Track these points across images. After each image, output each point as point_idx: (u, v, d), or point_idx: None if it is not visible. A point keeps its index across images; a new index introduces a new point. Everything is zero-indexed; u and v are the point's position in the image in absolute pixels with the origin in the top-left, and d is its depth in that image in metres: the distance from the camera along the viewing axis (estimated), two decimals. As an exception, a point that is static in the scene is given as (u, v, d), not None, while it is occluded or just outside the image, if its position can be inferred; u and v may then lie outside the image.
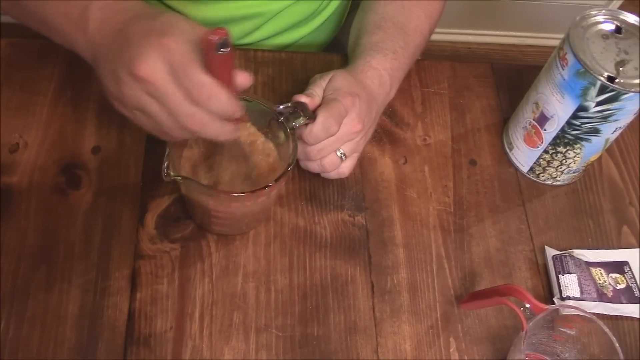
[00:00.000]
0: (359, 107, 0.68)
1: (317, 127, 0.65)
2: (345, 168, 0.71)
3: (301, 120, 0.66)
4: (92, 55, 0.59)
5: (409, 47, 0.77)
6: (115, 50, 0.55)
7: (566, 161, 0.76)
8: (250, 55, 0.84)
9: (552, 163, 0.77)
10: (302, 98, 0.67)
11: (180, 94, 0.53)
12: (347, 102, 0.67)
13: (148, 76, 0.52)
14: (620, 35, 0.70)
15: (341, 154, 0.70)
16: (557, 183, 0.80)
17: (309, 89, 0.69)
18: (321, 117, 0.65)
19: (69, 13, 0.60)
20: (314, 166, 0.70)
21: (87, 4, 0.59)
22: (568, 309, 0.62)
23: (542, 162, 0.78)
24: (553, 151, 0.76)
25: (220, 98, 0.53)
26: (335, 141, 0.68)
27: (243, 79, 0.56)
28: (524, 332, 0.59)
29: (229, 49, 0.52)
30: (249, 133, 0.70)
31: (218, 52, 0.51)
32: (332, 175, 0.72)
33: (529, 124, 0.76)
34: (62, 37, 0.62)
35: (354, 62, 0.74)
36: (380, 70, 0.73)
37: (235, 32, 0.87)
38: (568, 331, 0.63)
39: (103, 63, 0.57)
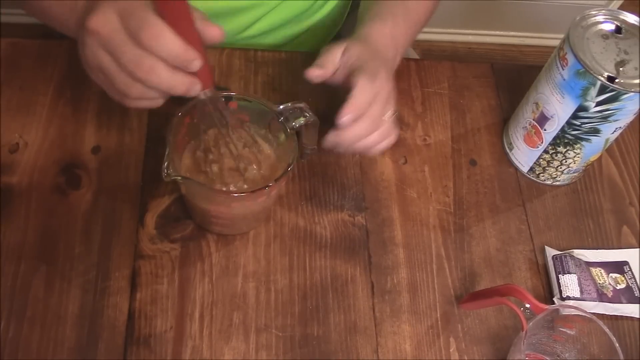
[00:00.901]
0: (381, 71, 0.67)
1: (363, 88, 0.63)
2: (394, 132, 0.68)
3: (301, 120, 0.66)
4: (76, 23, 0.58)
5: (411, 14, 0.77)
6: (83, 11, 0.56)
7: (566, 161, 0.76)
8: (250, 55, 0.84)
9: (552, 163, 0.77)
10: (315, 71, 0.66)
11: (128, 39, 0.52)
12: (371, 68, 0.65)
13: (98, 28, 0.52)
14: (620, 35, 0.70)
15: (389, 116, 0.67)
16: (557, 183, 0.80)
17: (320, 60, 0.67)
18: (359, 84, 0.63)
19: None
20: (370, 142, 0.66)
21: None
22: (568, 309, 0.62)
23: (542, 162, 0.78)
24: (553, 151, 0.76)
25: (166, 38, 0.51)
26: (383, 100, 0.65)
27: (213, 32, 0.55)
28: (524, 332, 0.59)
29: None
30: (250, 133, 0.70)
31: None
32: (386, 143, 0.68)
33: (529, 124, 0.76)
34: (61, 23, 0.62)
35: (357, 31, 0.73)
36: (381, 35, 0.72)
37: (235, 24, 0.87)
38: (568, 331, 0.63)
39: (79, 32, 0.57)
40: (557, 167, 0.77)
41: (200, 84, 0.58)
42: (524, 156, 0.79)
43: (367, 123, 0.65)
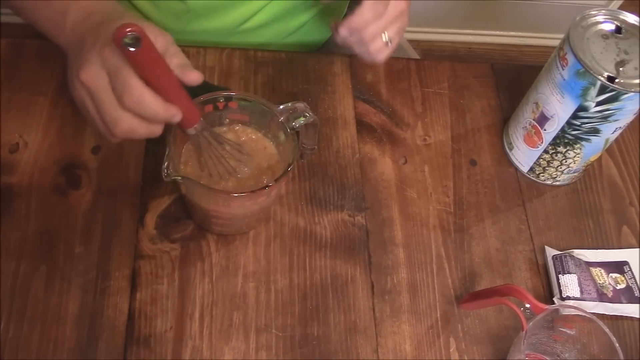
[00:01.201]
0: None
1: (365, 9, 0.67)
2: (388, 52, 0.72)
3: (301, 120, 0.66)
4: (67, 54, 0.63)
5: None
6: (75, 54, 0.59)
7: (566, 161, 0.76)
8: (250, 55, 0.84)
9: (552, 163, 0.77)
10: None
11: (113, 99, 0.56)
12: None
13: (88, 82, 0.56)
14: (620, 35, 0.70)
15: (387, 38, 0.70)
16: (557, 183, 0.80)
17: None
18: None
19: (51, 17, 0.64)
20: (361, 52, 0.71)
21: (66, 8, 0.62)
22: (568, 309, 0.62)
23: (542, 162, 0.78)
24: (553, 151, 0.76)
25: (146, 102, 0.55)
26: (384, 23, 0.69)
27: (192, 77, 0.58)
28: (524, 332, 0.59)
29: (139, 47, 0.53)
30: (249, 133, 0.70)
31: (128, 49, 0.53)
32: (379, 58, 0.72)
33: (529, 124, 0.76)
34: (50, 37, 0.66)
35: None
36: None
37: (234, 16, 0.87)
38: (568, 331, 0.63)
39: (69, 63, 0.61)
40: (557, 167, 0.77)
41: (187, 121, 0.60)
42: (524, 156, 0.79)
43: (363, 35, 0.69)
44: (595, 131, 0.71)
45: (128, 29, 0.52)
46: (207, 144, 0.65)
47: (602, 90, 0.66)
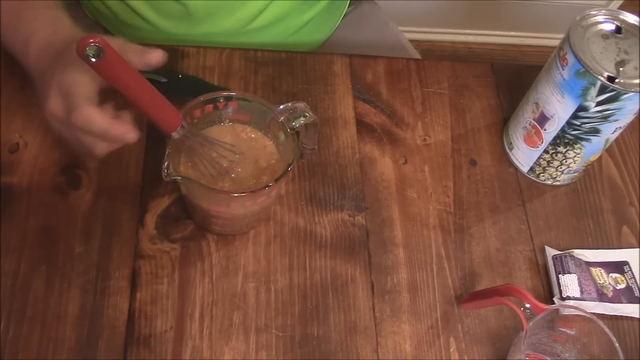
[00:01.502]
0: None
1: None
2: None
3: (301, 120, 0.66)
4: (32, 82, 0.66)
5: None
6: (40, 87, 0.63)
7: (566, 161, 0.76)
8: (250, 55, 0.84)
9: (552, 163, 0.77)
10: None
11: (72, 126, 0.60)
12: None
13: (53, 112, 0.60)
14: (620, 35, 0.70)
15: None
16: (557, 183, 0.80)
17: None
18: None
19: (15, 44, 0.67)
20: None
21: (28, 38, 0.65)
22: (568, 309, 0.62)
23: (542, 162, 0.78)
24: (553, 151, 0.76)
25: (92, 121, 0.58)
26: None
27: (153, 57, 0.61)
28: (524, 332, 0.59)
29: (101, 57, 0.55)
30: (249, 133, 0.70)
31: (91, 60, 0.55)
32: None
33: (529, 124, 0.76)
34: (10, 52, 0.69)
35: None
36: None
37: (241, 16, 0.87)
38: (568, 331, 0.63)
39: (38, 95, 0.64)
40: (557, 167, 0.77)
41: (167, 125, 0.62)
42: (524, 156, 0.79)
43: None
44: (595, 131, 0.71)
45: (90, 40, 0.54)
46: (197, 145, 0.65)
47: (602, 90, 0.66)
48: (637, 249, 0.75)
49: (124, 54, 0.59)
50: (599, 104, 0.68)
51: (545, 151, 0.76)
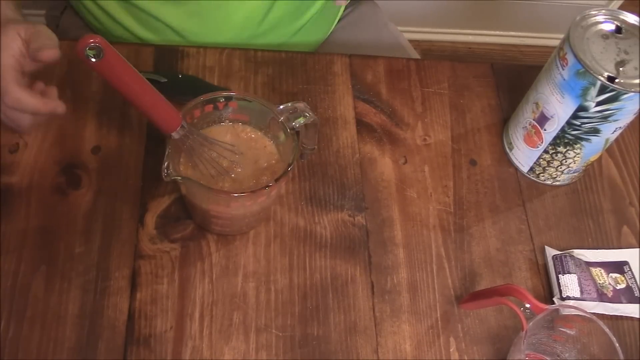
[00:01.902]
0: None
1: None
2: None
3: (301, 120, 0.66)
4: None
5: None
6: None
7: (566, 161, 0.76)
8: (250, 55, 0.84)
9: (552, 163, 0.77)
10: None
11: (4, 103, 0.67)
12: None
13: None
14: (620, 35, 0.70)
15: None
16: (557, 183, 0.80)
17: None
18: None
19: None
20: None
21: None
22: (568, 309, 0.62)
23: (542, 162, 0.78)
24: (553, 151, 0.76)
25: (23, 100, 0.66)
26: None
27: (44, 55, 0.66)
28: (524, 332, 0.59)
29: (101, 58, 0.56)
30: (249, 133, 0.70)
31: (91, 60, 0.56)
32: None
33: (529, 124, 0.76)
34: None
35: None
36: None
37: (248, 24, 0.87)
38: (568, 331, 0.63)
39: None
40: (557, 167, 0.77)
41: (167, 125, 0.63)
42: (524, 156, 0.79)
43: None
44: (595, 131, 0.71)
45: (90, 40, 0.54)
46: (197, 145, 0.65)
47: (602, 90, 0.66)
48: (637, 249, 0.75)
49: (30, 41, 0.67)
50: (599, 104, 0.68)
51: (545, 151, 0.76)
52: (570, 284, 0.70)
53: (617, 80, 0.66)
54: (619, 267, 0.73)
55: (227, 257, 0.70)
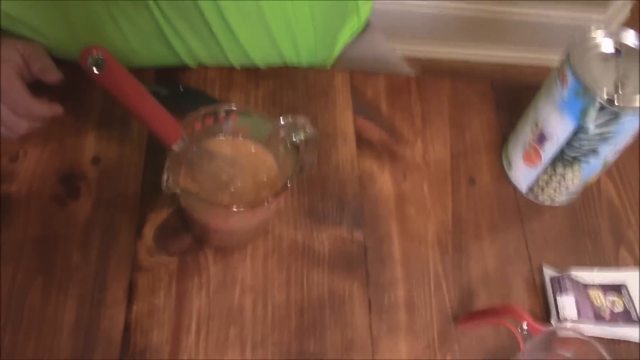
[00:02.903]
0: None
1: None
2: None
3: (301, 135, 0.66)
4: None
5: None
6: None
7: (565, 182, 0.76)
8: (251, 69, 0.84)
9: (550, 183, 0.77)
10: None
11: (6, 110, 0.70)
12: None
13: None
14: (620, 56, 0.70)
15: None
16: (556, 204, 0.80)
17: None
18: None
19: None
20: None
21: None
22: (566, 330, 0.62)
23: (540, 182, 0.78)
24: (552, 172, 0.76)
25: (34, 108, 0.71)
26: None
27: (49, 78, 0.74)
28: (521, 352, 0.59)
29: (104, 69, 0.57)
30: (249, 147, 0.70)
31: (94, 72, 0.57)
32: None
33: (528, 144, 0.77)
34: None
35: None
36: None
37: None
38: (565, 353, 0.63)
39: None
40: (556, 187, 0.77)
41: (168, 137, 0.63)
42: (522, 175, 0.79)
43: None
44: (594, 152, 0.71)
45: (94, 51, 0.54)
46: (197, 158, 0.65)
47: (602, 111, 0.67)
48: (636, 271, 0.75)
49: (30, 61, 0.71)
50: (598, 125, 0.68)
51: (544, 171, 0.76)
52: (567, 305, 0.70)
53: (616, 102, 0.66)
54: (616, 289, 0.73)
55: (224, 271, 0.70)
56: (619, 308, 0.71)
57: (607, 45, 0.71)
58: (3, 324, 0.64)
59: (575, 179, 0.76)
